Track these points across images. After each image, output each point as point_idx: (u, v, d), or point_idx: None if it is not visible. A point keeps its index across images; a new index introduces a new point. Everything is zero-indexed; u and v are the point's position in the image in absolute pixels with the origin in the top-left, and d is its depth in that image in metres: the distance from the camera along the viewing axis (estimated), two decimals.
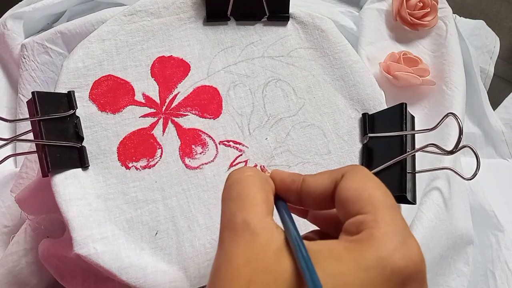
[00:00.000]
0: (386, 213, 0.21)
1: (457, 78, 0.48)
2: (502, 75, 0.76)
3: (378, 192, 0.22)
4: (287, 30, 0.44)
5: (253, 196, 0.22)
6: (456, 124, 0.33)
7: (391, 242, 0.19)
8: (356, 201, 0.21)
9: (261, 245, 0.20)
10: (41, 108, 0.35)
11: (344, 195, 0.22)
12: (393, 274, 0.19)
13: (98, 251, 0.34)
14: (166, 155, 0.39)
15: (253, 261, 0.19)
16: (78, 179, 0.36)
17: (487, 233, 0.56)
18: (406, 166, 0.36)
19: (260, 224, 0.21)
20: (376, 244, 0.19)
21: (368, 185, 0.22)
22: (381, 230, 0.20)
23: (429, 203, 0.42)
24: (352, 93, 0.42)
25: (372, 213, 0.21)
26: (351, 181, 0.22)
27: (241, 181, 0.24)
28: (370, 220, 0.20)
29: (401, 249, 0.19)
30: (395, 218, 0.21)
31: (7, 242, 0.52)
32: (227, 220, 0.22)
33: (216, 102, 0.41)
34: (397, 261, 0.19)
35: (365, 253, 0.19)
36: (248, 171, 0.24)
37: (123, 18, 0.42)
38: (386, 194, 0.22)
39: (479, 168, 0.35)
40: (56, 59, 0.55)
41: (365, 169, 0.23)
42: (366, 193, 0.22)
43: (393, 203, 0.22)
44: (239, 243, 0.20)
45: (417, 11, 0.50)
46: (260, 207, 0.22)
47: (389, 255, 0.19)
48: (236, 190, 0.23)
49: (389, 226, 0.20)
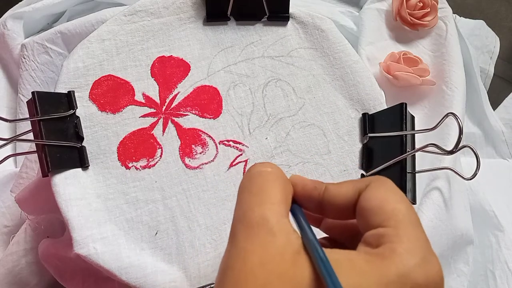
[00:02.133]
0: (409, 229, 0.20)
1: (457, 78, 0.48)
2: (502, 75, 0.76)
3: (402, 206, 0.21)
4: (287, 30, 0.44)
5: (274, 194, 0.21)
6: (456, 124, 0.33)
7: (413, 259, 0.19)
8: (378, 212, 0.21)
9: (278, 247, 0.19)
10: (41, 108, 0.35)
11: (366, 205, 0.22)
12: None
13: (98, 251, 0.34)
14: (166, 155, 0.39)
15: (269, 263, 0.19)
16: (78, 179, 0.36)
17: (487, 233, 0.56)
18: (406, 166, 0.36)
19: (278, 225, 0.20)
20: (398, 259, 0.19)
21: (392, 197, 0.21)
22: (403, 246, 0.19)
23: (429, 203, 0.42)
24: (352, 93, 0.42)
25: (394, 227, 0.20)
26: (375, 192, 0.22)
27: (263, 176, 0.22)
28: (392, 234, 0.20)
29: (423, 266, 0.19)
30: (418, 235, 0.20)
31: (7, 242, 0.52)
32: (243, 213, 0.21)
33: (216, 102, 0.41)
34: (418, 278, 0.19)
35: (386, 268, 0.19)
36: (270, 166, 0.23)
37: (123, 18, 0.42)
38: (410, 209, 0.21)
39: (479, 168, 0.35)
40: (56, 59, 0.55)
41: (390, 181, 0.23)
42: (390, 206, 0.21)
43: (416, 219, 0.21)
44: (254, 241, 0.19)
45: (417, 11, 0.50)
46: (279, 207, 0.21)
47: (410, 271, 0.19)
48: (258, 183, 0.22)
49: (411, 243, 0.20)
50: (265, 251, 0.19)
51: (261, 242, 0.19)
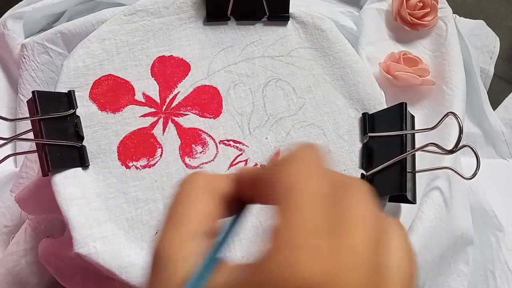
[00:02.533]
0: (303, 203, 0.16)
1: (457, 78, 0.48)
2: (502, 75, 0.76)
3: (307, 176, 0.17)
4: (287, 30, 0.44)
5: (185, 213, 0.18)
6: (456, 123, 0.33)
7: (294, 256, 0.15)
8: (270, 185, 0.17)
9: (164, 282, 0.17)
10: (41, 107, 0.35)
11: (262, 179, 0.18)
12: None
13: (98, 250, 0.34)
14: (166, 154, 0.39)
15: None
16: (78, 179, 0.36)
17: (487, 233, 0.56)
18: (406, 166, 0.36)
19: (173, 254, 0.17)
20: (275, 259, 0.15)
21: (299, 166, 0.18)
22: (286, 237, 0.16)
23: (429, 203, 0.42)
24: (352, 93, 0.42)
25: (283, 202, 0.17)
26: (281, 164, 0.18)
27: (178, 197, 0.19)
28: (278, 223, 0.16)
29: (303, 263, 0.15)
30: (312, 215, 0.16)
31: (7, 242, 0.52)
32: (155, 242, 0.18)
33: (216, 101, 0.41)
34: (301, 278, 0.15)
35: (250, 276, 0.15)
36: (190, 182, 0.20)
37: (123, 17, 0.42)
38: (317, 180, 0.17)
39: (479, 168, 0.35)
40: (56, 59, 0.55)
41: (312, 149, 0.19)
42: (286, 178, 0.17)
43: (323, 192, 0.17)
44: (150, 279, 0.18)
45: (417, 11, 0.50)
46: (187, 227, 0.18)
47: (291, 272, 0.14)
48: (170, 209, 0.19)
49: (300, 230, 0.15)
50: (158, 283, 0.17)
51: (154, 278, 0.18)
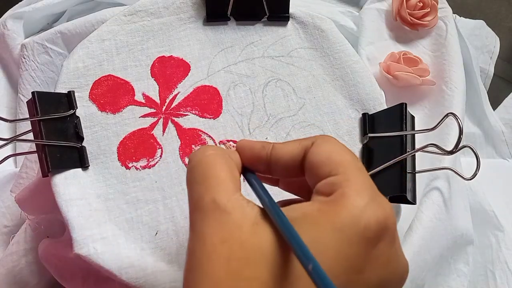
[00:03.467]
0: (356, 174, 0.21)
1: (457, 78, 0.48)
2: (502, 75, 0.76)
3: (348, 155, 0.22)
4: (287, 30, 0.44)
5: (217, 175, 0.22)
6: (456, 124, 0.33)
7: (362, 199, 0.20)
8: (327, 163, 0.22)
9: (235, 223, 0.20)
10: (41, 108, 0.35)
11: (315, 159, 0.23)
12: (366, 230, 0.19)
13: (98, 251, 0.34)
14: (166, 155, 0.39)
15: (229, 239, 0.19)
16: (78, 179, 0.36)
17: (487, 233, 0.56)
18: (406, 166, 0.36)
19: (230, 203, 0.21)
20: (349, 202, 0.20)
21: (338, 150, 0.23)
22: (352, 188, 0.20)
23: (429, 203, 0.42)
24: (352, 93, 0.42)
25: (343, 173, 0.21)
26: (322, 146, 0.23)
27: (203, 162, 0.23)
28: (342, 179, 0.21)
29: (372, 205, 0.20)
30: (365, 179, 0.21)
31: (7, 242, 0.52)
32: (196, 203, 0.22)
33: (216, 102, 0.41)
34: (370, 217, 0.19)
35: (338, 213, 0.19)
36: (208, 149, 0.24)
37: (123, 18, 0.42)
38: (355, 158, 0.23)
39: (479, 168, 0.35)
40: (56, 59, 0.55)
41: (334, 138, 0.24)
42: (337, 156, 0.22)
43: (361, 166, 0.22)
44: (211, 224, 0.20)
45: (417, 11, 0.50)
46: (227, 185, 0.22)
47: (361, 211, 0.19)
48: (200, 172, 0.23)
49: (359, 185, 0.21)
50: (223, 230, 0.20)
51: (217, 222, 0.20)
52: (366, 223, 0.19)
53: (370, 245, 0.19)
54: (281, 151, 0.24)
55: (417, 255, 0.41)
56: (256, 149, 0.25)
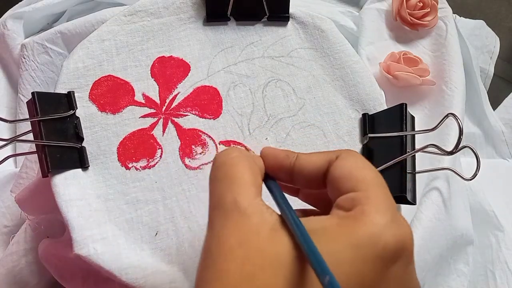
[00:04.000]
0: (377, 191, 0.21)
1: (457, 78, 0.48)
2: (502, 75, 0.76)
3: (370, 172, 0.22)
4: (287, 30, 0.44)
5: (241, 177, 0.22)
6: (456, 124, 0.33)
7: (383, 218, 0.20)
8: (349, 178, 0.22)
9: (253, 227, 0.20)
10: (41, 108, 0.35)
11: (338, 173, 0.23)
12: (384, 250, 0.19)
13: (98, 252, 0.34)
14: (166, 155, 0.39)
15: (246, 243, 0.19)
16: (78, 180, 0.36)
17: (487, 233, 0.56)
18: (406, 167, 0.36)
19: (251, 206, 0.21)
20: (368, 219, 0.20)
21: (361, 165, 0.23)
22: (372, 206, 0.20)
23: (429, 203, 0.42)
24: (352, 93, 0.42)
25: (364, 190, 0.21)
26: (345, 161, 0.23)
27: (228, 163, 0.23)
28: (363, 196, 0.21)
29: (392, 225, 0.20)
30: (386, 197, 0.21)
31: (7, 242, 0.52)
32: (217, 201, 0.22)
33: (216, 102, 0.41)
34: (388, 237, 0.19)
35: (357, 229, 0.19)
36: (234, 152, 0.24)
37: (123, 18, 0.41)
38: (378, 174, 0.23)
39: (479, 168, 0.35)
40: (56, 59, 0.55)
41: (358, 153, 0.24)
42: (359, 172, 0.22)
43: (383, 183, 0.22)
44: (230, 225, 0.20)
45: (417, 11, 0.50)
46: (249, 189, 0.22)
47: (380, 231, 0.19)
48: (224, 171, 0.23)
49: (380, 203, 0.21)
50: (241, 232, 0.20)
51: (236, 224, 0.20)
52: (384, 243, 0.19)
53: (386, 265, 0.19)
54: (305, 162, 0.25)
55: (416, 255, 0.40)
56: (280, 157, 0.26)
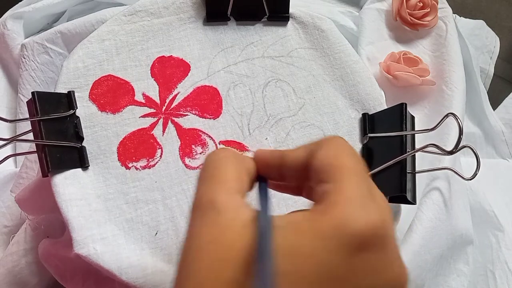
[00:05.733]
0: (351, 180, 0.20)
1: (457, 78, 0.48)
2: (502, 75, 0.76)
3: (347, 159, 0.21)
4: (287, 30, 0.44)
5: (222, 175, 0.22)
6: (456, 124, 0.33)
7: (351, 207, 0.19)
8: (326, 169, 0.21)
9: (226, 222, 0.20)
10: (41, 108, 0.35)
11: (317, 164, 0.22)
12: (351, 239, 0.18)
13: (98, 251, 0.34)
14: (166, 155, 0.39)
15: (217, 239, 0.19)
16: (78, 179, 0.36)
17: (487, 233, 0.56)
18: (406, 166, 0.36)
19: (226, 203, 0.21)
20: (335, 211, 0.19)
21: (340, 153, 0.22)
22: (343, 196, 0.19)
23: (429, 203, 0.42)
24: (352, 93, 0.42)
25: (339, 180, 0.20)
26: (325, 151, 0.22)
27: (213, 162, 0.23)
28: (334, 187, 0.20)
29: (361, 212, 0.19)
30: (360, 184, 0.20)
31: (7, 242, 0.52)
32: (196, 200, 0.22)
33: (216, 102, 0.41)
34: (356, 225, 0.18)
35: (323, 221, 0.19)
36: (222, 152, 0.24)
37: (123, 18, 0.41)
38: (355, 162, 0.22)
39: (479, 168, 0.35)
40: (56, 59, 0.55)
41: (341, 138, 0.23)
42: (338, 162, 0.21)
43: (361, 170, 0.21)
44: (205, 222, 0.20)
45: (417, 11, 0.50)
46: (228, 184, 0.22)
47: (347, 220, 0.19)
48: (208, 171, 0.23)
49: (350, 192, 0.20)
50: (214, 229, 0.20)
51: (211, 222, 0.20)
52: (351, 231, 0.18)
53: (355, 253, 0.18)
54: (291, 157, 0.24)
55: (417, 255, 0.40)
56: (267, 156, 0.25)
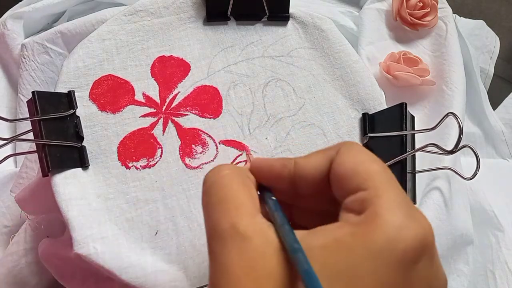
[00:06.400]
0: (387, 188, 0.19)
1: (457, 78, 0.48)
2: (502, 75, 0.76)
3: (376, 165, 0.20)
4: (287, 30, 0.44)
5: (235, 197, 0.20)
6: (456, 124, 0.33)
7: (398, 218, 0.18)
8: (354, 175, 0.20)
9: (257, 249, 0.18)
10: (41, 107, 0.35)
11: (340, 170, 0.21)
12: (405, 253, 0.17)
13: (98, 251, 0.34)
14: (166, 154, 0.39)
15: (253, 270, 0.18)
16: (78, 179, 0.36)
17: (487, 233, 0.56)
18: (406, 166, 0.36)
19: (251, 227, 0.19)
20: (382, 222, 0.18)
21: (364, 158, 0.21)
22: (384, 206, 0.18)
23: (429, 203, 0.42)
24: (352, 93, 0.42)
25: (373, 188, 0.19)
26: (346, 156, 0.21)
27: (219, 183, 0.21)
28: (373, 195, 0.19)
29: (408, 224, 0.18)
30: (397, 192, 0.19)
31: (7, 242, 0.52)
32: (213, 228, 0.20)
33: (216, 101, 0.41)
34: (407, 238, 0.18)
35: (373, 236, 0.18)
36: (224, 169, 0.22)
37: (123, 18, 0.42)
38: (384, 168, 0.21)
39: (479, 168, 0.35)
40: (56, 59, 0.55)
41: (359, 144, 0.22)
42: (364, 167, 0.20)
43: (392, 176, 0.20)
44: (232, 252, 0.18)
45: (417, 11, 0.50)
46: (246, 207, 0.20)
47: (398, 233, 0.18)
48: (216, 194, 0.21)
49: (392, 201, 0.19)
50: (245, 258, 0.18)
51: (238, 251, 0.18)
52: (404, 245, 0.17)
53: (410, 267, 0.18)
54: (305, 167, 0.22)
55: None
56: (277, 167, 0.23)
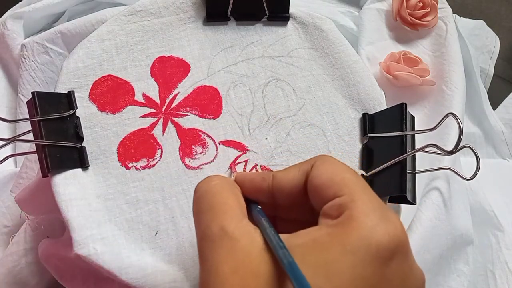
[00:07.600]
0: (361, 193, 0.21)
1: (457, 78, 0.48)
2: (502, 75, 0.76)
3: (349, 174, 0.23)
4: (287, 30, 0.44)
5: (225, 203, 0.22)
6: (456, 124, 0.33)
7: (371, 219, 0.20)
8: (330, 184, 0.22)
9: (244, 249, 0.20)
10: (41, 108, 0.35)
11: (317, 182, 0.23)
12: (379, 250, 0.19)
13: (98, 251, 0.34)
14: (166, 155, 0.39)
15: (240, 268, 0.19)
16: (78, 179, 0.36)
17: (487, 233, 0.56)
18: (406, 166, 0.36)
19: (238, 229, 0.21)
20: (357, 224, 0.20)
21: (338, 168, 0.23)
22: (359, 209, 0.20)
23: (429, 203, 0.42)
24: (352, 93, 0.42)
25: (348, 194, 0.21)
26: (322, 168, 0.23)
27: (209, 191, 0.23)
28: (348, 201, 0.21)
29: (382, 224, 0.20)
30: (371, 197, 0.21)
31: (7, 242, 0.52)
32: (203, 232, 0.22)
33: (216, 102, 0.41)
34: (380, 236, 0.19)
35: (349, 235, 0.19)
36: (213, 180, 0.24)
37: (123, 18, 0.42)
38: (357, 176, 0.23)
39: (479, 168, 0.35)
40: (56, 59, 0.55)
41: (332, 157, 0.24)
42: (339, 177, 0.22)
43: (365, 184, 0.23)
44: (220, 252, 0.20)
45: (417, 11, 0.50)
46: (234, 212, 0.22)
47: (371, 232, 0.19)
48: (206, 201, 0.23)
49: (366, 205, 0.21)
50: (233, 258, 0.20)
51: (227, 251, 0.20)
52: (377, 242, 0.19)
53: (385, 263, 0.19)
54: (283, 180, 0.25)
55: (417, 255, 0.40)
56: (257, 181, 0.26)
